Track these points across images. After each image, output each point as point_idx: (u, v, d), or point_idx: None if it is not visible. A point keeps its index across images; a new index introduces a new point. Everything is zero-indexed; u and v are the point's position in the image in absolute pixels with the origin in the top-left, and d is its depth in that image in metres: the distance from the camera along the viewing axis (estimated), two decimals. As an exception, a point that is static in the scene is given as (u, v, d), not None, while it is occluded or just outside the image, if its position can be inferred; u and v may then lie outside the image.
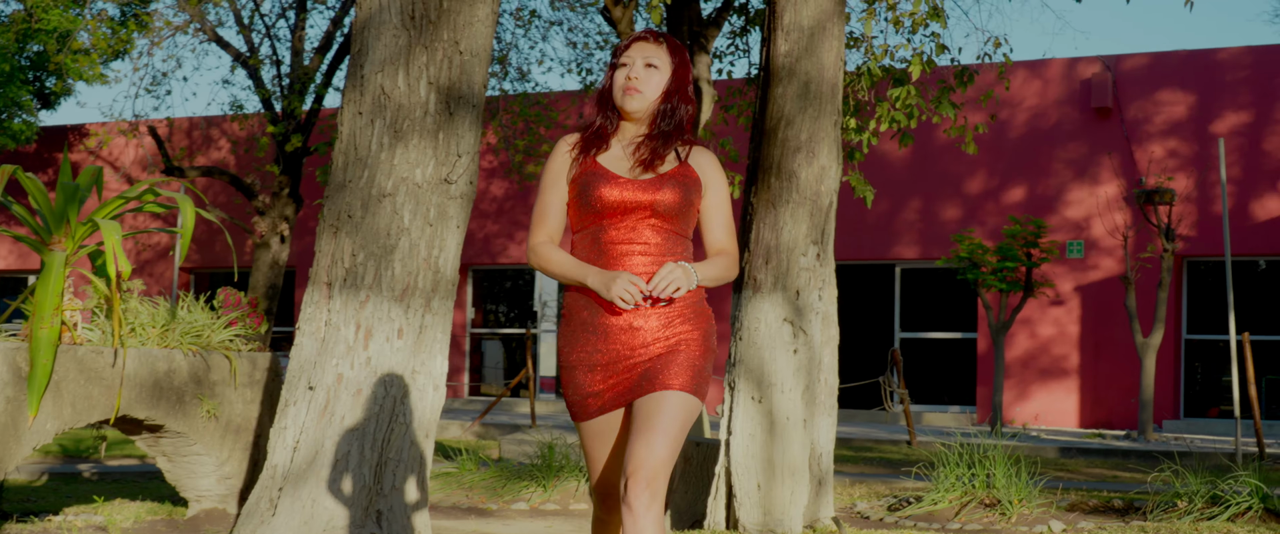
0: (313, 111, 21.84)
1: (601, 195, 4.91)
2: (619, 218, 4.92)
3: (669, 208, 4.92)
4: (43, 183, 25.22)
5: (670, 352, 4.86)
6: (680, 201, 4.93)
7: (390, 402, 7.35)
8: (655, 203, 4.91)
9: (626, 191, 4.92)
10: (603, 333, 4.91)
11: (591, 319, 4.93)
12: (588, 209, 4.95)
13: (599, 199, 4.91)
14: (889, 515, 9.74)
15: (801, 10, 8.47)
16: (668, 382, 4.82)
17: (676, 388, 4.81)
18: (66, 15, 23.13)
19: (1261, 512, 9.11)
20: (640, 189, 4.92)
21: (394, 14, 7.40)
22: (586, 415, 5.03)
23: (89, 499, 9.66)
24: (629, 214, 4.92)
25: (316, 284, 7.47)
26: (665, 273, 4.75)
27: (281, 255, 21.64)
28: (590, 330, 4.93)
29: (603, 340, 4.91)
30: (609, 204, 4.91)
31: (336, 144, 7.61)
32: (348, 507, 7.23)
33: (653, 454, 4.68)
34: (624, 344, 4.89)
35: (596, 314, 4.92)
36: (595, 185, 4.93)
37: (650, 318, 4.89)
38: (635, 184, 4.93)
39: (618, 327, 4.89)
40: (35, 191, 7.65)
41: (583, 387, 4.97)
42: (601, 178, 4.94)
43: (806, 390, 8.45)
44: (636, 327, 4.89)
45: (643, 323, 4.89)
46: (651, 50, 5.06)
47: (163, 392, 7.90)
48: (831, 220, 8.62)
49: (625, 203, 4.92)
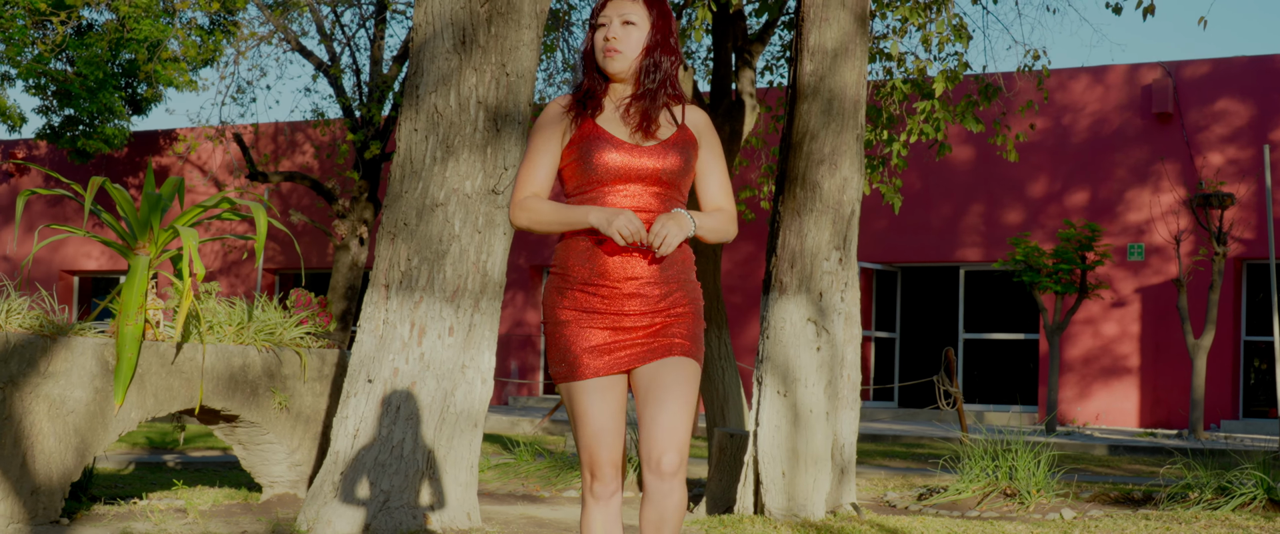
0: (390, 118, 22.55)
1: (605, 162, 4.86)
2: (622, 184, 4.86)
3: (672, 174, 4.89)
4: (133, 186, 26.05)
5: (675, 321, 4.86)
6: (682, 167, 4.91)
7: (441, 394, 8.03)
8: (661, 170, 4.88)
9: (631, 158, 4.87)
10: (606, 296, 4.85)
11: (591, 279, 4.85)
12: (588, 175, 4.89)
13: (603, 165, 4.86)
14: (916, 504, 10.36)
15: (825, 33, 9.11)
16: (678, 346, 4.85)
17: (683, 354, 4.85)
18: (157, 25, 24.01)
19: (1265, 502, 9.65)
20: (646, 155, 4.87)
21: (446, 40, 8.08)
22: (582, 373, 4.87)
23: (171, 486, 10.37)
24: (632, 181, 4.87)
25: (375, 286, 8.16)
26: (663, 223, 4.73)
27: (360, 257, 22.37)
28: (590, 292, 4.85)
29: (603, 301, 4.84)
30: (613, 170, 4.87)
31: (395, 158, 8.32)
32: (402, 489, 7.92)
33: (680, 423, 4.77)
34: (628, 309, 4.83)
35: (596, 274, 4.85)
36: (598, 150, 4.87)
37: (652, 286, 4.84)
38: (640, 150, 4.87)
39: (622, 293, 4.83)
40: (122, 201, 8.39)
41: (580, 340, 4.86)
42: (605, 143, 4.88)
43: (829, 385, 9.08)
44: (640, 294, 4.84)
45: (646, 291, 4.84)
46: (627, 6, 4.95)
47: (238, 385, 8.61)
48: (854, 227, 9.25)
49: (630, 169, 4.87)
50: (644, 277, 4.84)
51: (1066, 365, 24.64)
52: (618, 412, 4.90)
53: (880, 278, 26.83)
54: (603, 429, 4.87)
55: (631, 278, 4.83)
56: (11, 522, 7.47)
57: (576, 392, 4.88)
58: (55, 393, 7.63)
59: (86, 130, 27.42)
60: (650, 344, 4.85)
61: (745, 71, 13.30)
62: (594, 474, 4.89)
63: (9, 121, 27.25)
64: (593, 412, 4.86)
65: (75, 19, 23.38)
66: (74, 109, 26.98)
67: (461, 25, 8.04)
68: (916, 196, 25.44)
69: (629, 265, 4.83)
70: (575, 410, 4.92)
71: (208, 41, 24.96)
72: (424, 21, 8.14)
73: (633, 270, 4.83)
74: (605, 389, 4.86)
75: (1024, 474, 10.15)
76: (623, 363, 4.85)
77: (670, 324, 4.86)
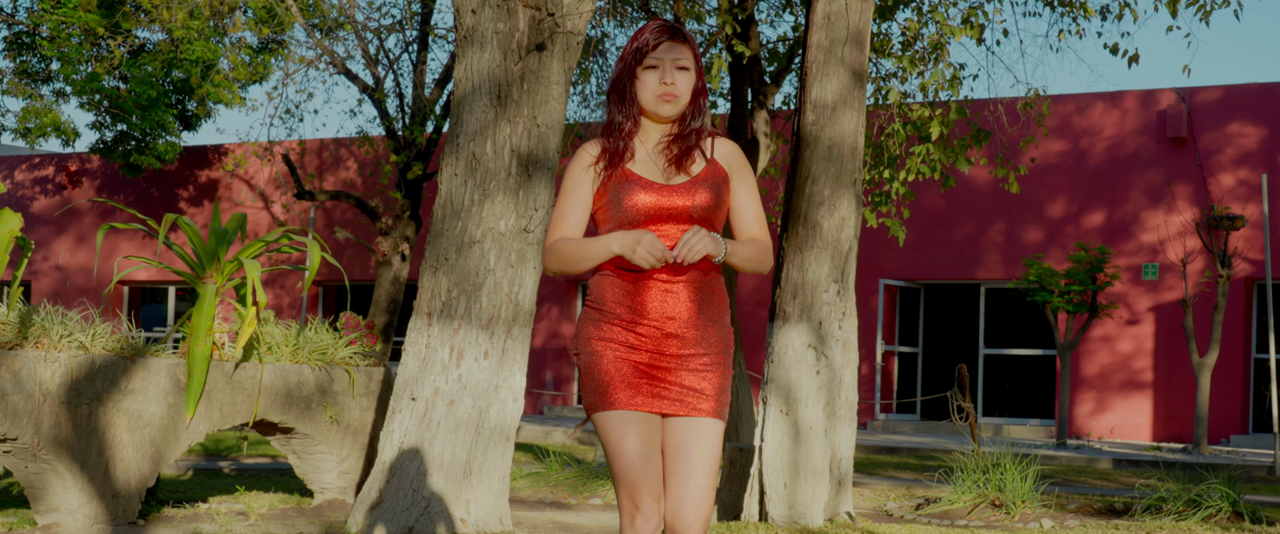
0: (432, 139, 23.42)
1: (636, 203, 4.79)
2: (654, 224, 4.79)
3: (704, 211, 4.80)
4: (184, 199, 27.01)
5: (707, 372, 4.81)
6: (713, 202, 4.82)
7: (477, 411, 8.97)
8: (692, 208, 4.80)
9: (662, 197, 4.79)
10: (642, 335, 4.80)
11: (628, 317, 4.80)
12: (620, 216, 4.83)
13: (634, 206, 4.79)
14: (912, 513, 11.27)
15: (826, 87, 10.05)
16: (705, 408, 4.80)
17: (712, 415, 4.81)
18: (209, 45, 25.00)
19: (1230, 513, 10.53)
20: (676, 194, 4.80)
21: (484, 94, 9.02)
22: (615, 403, 4.78)
23: (230, 491, 11.14)
24: (665, 221, 4.79)
25: (418, 314, 9.11)
26: (692, 236, 4.65)
27: (402, 272, 23.23)
28: (628, 328, 4.80)
29: (640, 338, 4.79)
30: (644, 211, 4.79)
31: (437, 199, 9.26)
32: (441, 496, 8.86)
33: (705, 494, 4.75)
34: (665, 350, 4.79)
35: (633, 312, 4.80)
36: (629, 192, 4.80)
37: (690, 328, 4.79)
38: (670, 189, 4.80)
39: (661, 333, 4.79)
40: (192, 235, 9.36)
41: (614, 372, 4.79)
42: (634, 184, 4.81)
43: (828, 405, 10.00)
44: (677, 335, 4.79)
45: (683, 332, 4.79)
46: (681, 51, 4.86)
47: (293, 400, 9.56)
48: (852, 262, 10.17)
49: (662, 209, 4.80)
50: (682, 317, 4.80)
51: (1084, 381, 25.42)
52: (653, 442, 4.79)
53: (904, 294, 27.63)
54: (641, 457, 4.75)
55: (671, 318, 4.79)
56: (96, 522, 8.45)
57: (610, 422, 4.79)
58: (134, 408, 8.61)
59: (139, 145, 28.39)
60: (682, 395, 4.80)
61: (760, 112, 14.25)
62: (636, 505, 4.76)
63: (63, 136, 28.21)
64: (628, 442, 4.75)
65: (131, 41, 24.33)
66: (127, 125, 27.96)
67: (497, 82, 8.98)
68: (939, 216, 26.30)
69: (667, 303, 4.79)
70: (609, 441, 4.81)
71: (257, 61, 25.95)
72: (464, 78, 9.09)
73: (671, 309, 4.79)
74: (639, 421, 4.77)
75: (1011, 487, 11.04)
76: (655, 404, 4.78)
77: (704, 375, 4.82)
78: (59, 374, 8.25)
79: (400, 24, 23.98)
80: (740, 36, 13.53)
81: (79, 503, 8.41)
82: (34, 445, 8.15)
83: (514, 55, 8.98)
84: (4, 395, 7.99)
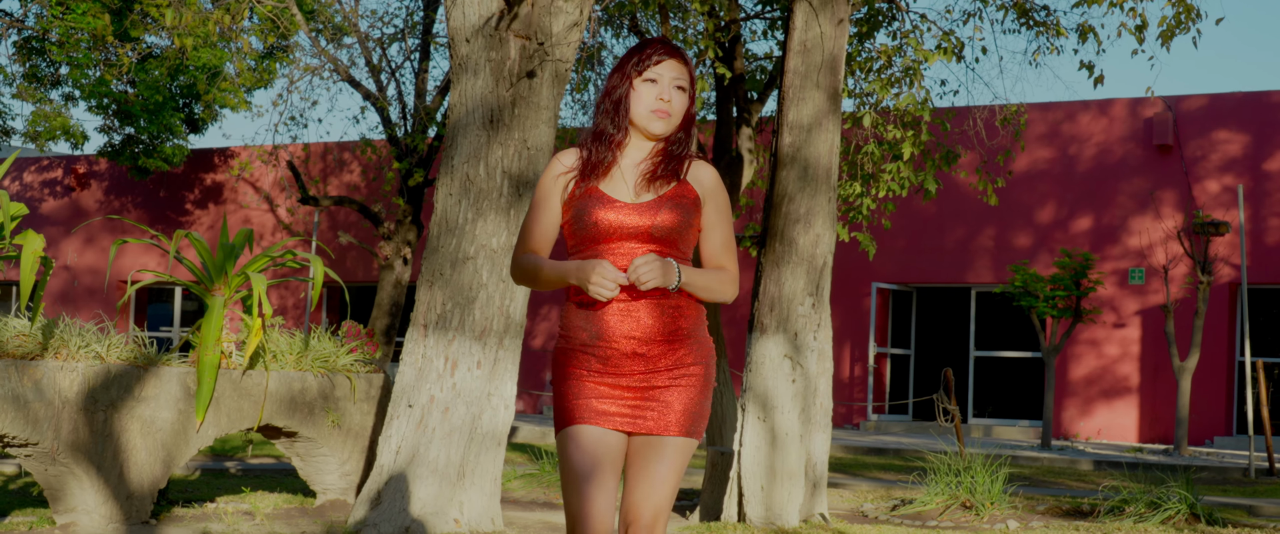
0: (433, 146, 23.87)
1: (597, 220, 4.73)
2: (617, 242, 4.73)
3: (666, 231, 4.72)
4: (190, 202, 27.42)
5: (673, 386, 4.73)
6: (678, 223, 4.74)
7: (470, 417, 9.48)
8: (652, 227, 4.71)
9: (623, 215, 4.72)
10: (605, 357, 4.75)
11: (592, 342, 4.77)
12: (583, 232, 4.78)
13: (594, 224, 4.73)
14: (887, 514, 11.79)
15: (802, 110, 10.58)
16: (669, 425, 4.72)
17: (677, 432, 4.72)
18: (216, 52, 25.46)
19: (1187, 515, 11.05)
20: (637, 213, 4.73)
21: (477, 119, 9.54)
22: (571, 419, 4.75)
23: (236, 491, 11.50)
24: (626, 238, 4.73)
25: (415, 325, 9.63)
26: (641, 262, 4.58)
27: (404, 276, 23.66)
28: (592, 353, 4.77)
29: (605, 364, 4.74)
30: (605, 228, 4.73)
31: (433, 217, 9.78)
32: (436, 497, 9.39)
33: (652, 501, 4.65)
34: (625, 369, 4.72)
35: (596, 337, 4.76)
36: (591, 209, 4.74)
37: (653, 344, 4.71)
38: (632, 208, 4.73)
39: (621, 353, 4.71)
40: (202, 251, 9.88)
41: (576, 392, 4.76)
42: (598, 200, 4.75)
43: (803, 412, 10.53)
44: (641, 354, 4.71)
45: (647, 350, 4.71)
46: (680, 71, 4.81)
47: (297, 405, 10.05)
48: (826, 276, 10.68)
49: (623, 227, 4.73)
50: (641, 335, 4.72)
51: (1071, 383, 25.88)
52: (606, 467, 4.69)
53: (896, 297, 28.08)
54: (586, 477, 4.64)
55: (629, 337, 4.72)
56: (111, 522, 8.98)
57: (565, 438, 4.74)
58: (147, 414, 9.14)
59: (146, 149, 28.84)
60: (645, 411, 4.73)
61: (744, 129, 14.75)
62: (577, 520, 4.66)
63: (72, 139, 28.63)
64: (576, 458, 4.69)
65: (139, 49, 24.79)
66: (134, 128, 28.42)
67: (490, 107, 9.50)
68: (931, 222, 26.79)
69: (626, 323, 4.72)
70: (562, 459, 4.76)
71: (262, 66, 26.41)
72: (458, 103, 9.61)
73: (630, 329, 4.72)
74: (595, 440, 4.69)
75: (981, 489, 11.56)
76: (616, 421, 4.72)
77: (671, 390, 4.74)
78: (77, 383, 8.77)
79: (402, 33, 24.47)
80: (723, 60, 14.06)
81: (95, 504, 8.94)
82: (53, 450, 8.68)
83: (505, 82, 9.49)
84: (26, 403, 8.52)
